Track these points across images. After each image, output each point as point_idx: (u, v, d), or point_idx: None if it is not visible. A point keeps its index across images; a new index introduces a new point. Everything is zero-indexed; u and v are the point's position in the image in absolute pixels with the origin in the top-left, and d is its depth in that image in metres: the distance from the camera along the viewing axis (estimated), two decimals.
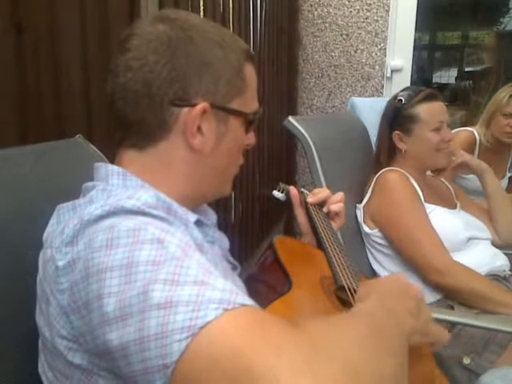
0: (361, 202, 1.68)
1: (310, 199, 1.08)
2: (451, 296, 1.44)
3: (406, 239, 1.51)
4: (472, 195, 1.98)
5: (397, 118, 1.65)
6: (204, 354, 0.45)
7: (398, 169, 1.63)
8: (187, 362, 0.46)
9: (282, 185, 1.18)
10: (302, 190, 1.14)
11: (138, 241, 0.53)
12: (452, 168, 1.76)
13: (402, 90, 1.71)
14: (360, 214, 1.67)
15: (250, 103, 0.76)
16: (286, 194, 1.15)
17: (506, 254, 1.62)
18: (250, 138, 0.80)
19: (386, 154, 1.69)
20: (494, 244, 1.65)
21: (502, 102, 2.19)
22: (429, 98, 1.62)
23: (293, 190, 1.10)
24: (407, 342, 0.60)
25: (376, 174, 1.66)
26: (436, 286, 1.45)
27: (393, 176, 1.59)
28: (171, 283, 0.49)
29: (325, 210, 1.08)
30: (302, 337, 0.48)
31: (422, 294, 0.75)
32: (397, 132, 1.65)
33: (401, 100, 1.65)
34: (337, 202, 1.07)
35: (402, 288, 0.73)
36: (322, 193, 1.09)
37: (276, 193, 1.17)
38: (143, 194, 0.63)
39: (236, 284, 0.76)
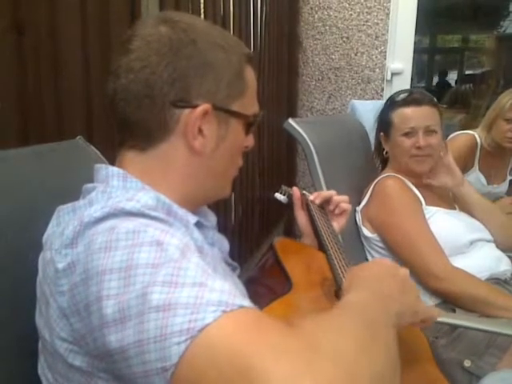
0: (359, 205, 1.68)
1: (316, 199, 1.09)
2: (451, 301, 1.43)
3: (404, 245, 1.51)
4: None
5: (381, 120, 1.72)
6: (203, 357, 0.45)
7: (395, 174, 1.64)
8: (186, 365, 0.46)
9: (284, 187, 1.18)
10: (304, 192, 1.14)
11: (137, 243, 0.53)
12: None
13: (396, 92, 1.72)
14: (358, 217, 1.67)
15: (250, 105, 0.76)
16: (288, 197, 1.15)
17: (509, 256, 1.61)
18: (249, 140, 0.80)
19: (378, 154, 1.77)
20: (498, 247, 1.64)
21: (505, 108, 2.18)
22: (409, 102, 1.61)
23: (295, 191, 1.11)
24: (395, 329, 0.60)
25: (375, 177, 1.67)
26: (435, 292, 1.45)
27: (390, 182, 1.60)
28: (169, 285, 0.49)
29: (331, 207, 1.09)
30: (299, 337, 0.48)
31: (408, 274, 0.75)
32: (381, 134, 1.71)
33: (387, 102, 1.70)
34: (345, 202, 1.09)
35: (385, 272, 0.73)
36: (325, 192, 1.11)
37: (278, 195, 1.17)
38: (143, 196, 0.63)
39: (236, 286, 0.76)
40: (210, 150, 0.72)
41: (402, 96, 1.65)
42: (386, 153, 1.71)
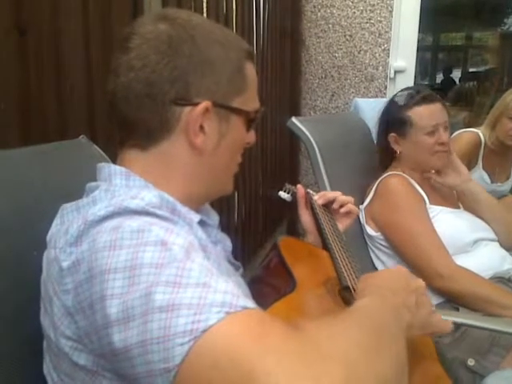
0: (362, 203, 1.68)
1: (320, 199, 1.09)
2: (455, 300, 1.43)
3: (408, 244, 1.50)
4: None
5: (392, 120, 1.66)
6: (206, 358, 0.45)
7: (400, 173, 1.63)
8: (189, 366, 0.46)
9: (288, 186, 1.18)
10: (308, 190, 1.14)
11: (142, 242, 0.53)
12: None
13: (400, 91, 1.70)
14: (361, 215, 1.67)
15: (251, 102, 0.76)
16: (292, 195, 1.16)
17: None
18: (251, 137, 0.80)
19: (385, 155, 1.71)
20: (502, 245, 1.63)
21: (509, 106, 2.17)
22: (424, 100, 1.60)
23: (300, 189, 1.11)
24: (405, 337, 0.60)
25: (379, 176, 1.66)
26: (439, 291, 1.45)
27: (394, 180, 1.59)
28: (173, 285, 0.49)
29: (335, 205, 1.09)
30: (303, 340, 0.48)
31: (424, 287, 0.75)
32: (392, 134, 1.66)
33: (396, 102, 1.65)
34: (350, 202, 1.09)
35: (402, 282, 0.72)
36: (330, 193, 1.11)
37: (282, 194, 1.17)
38: (147, 194, 0.63)
39: (240, 285, 0.76)
40: (212, 147, 0.72)
41: (411, 94, 1.63)
42: (395, 153, 1.67)
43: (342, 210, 1.09)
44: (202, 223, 0.72)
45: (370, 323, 0.56)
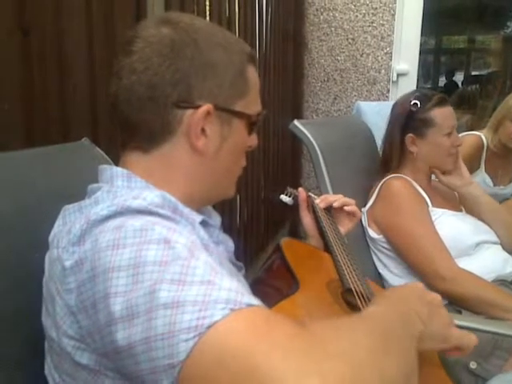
0: (365, 206, 1.68)
1: (321, 202, 1.09)
2: (458, 303, 1.43)
3: (410, 246, 1.50)
4: None
5: (411, 121, 1.64)
6: (210, 354, 0.45)
7: (403, 175, 1.63)
8: (194, 362, 0.46)
9: (289, 189, 1.18)
10: (310, 194, 1.14)
11: (145, 241, 0.54)
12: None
13: (412, 94, 1.69)
14: (364, 218, 1.67)
15: (253, 105, 0.76)
16: (293, 199, 1.16)
17: None
18: (253, 140, 0.80)
19: (397, 157, 1.68)
20: (504, 248, 1.63)
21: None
22: (442, 102, 1.62)
23: (302, 192, 1.11)
24: (415, 345, 0.60)
25: (382, 178, 1.65)
26: (441, 294, 1.44)
27: (397, 183, 1.59)
28: (178, 283, 0.50)
29: (336, 204, 1.09)
30: (308, 337, 0.48)
31: (440, 300, 0.75)
32: (410, 135, 1.64)
33: (416, 104, 1.63)
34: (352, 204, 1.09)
35: (415, 294, 0.72)
36: (332, 196, 1.11)
37: (284, 197, 1.17)
38: (149, 194, 0.63)
39: (243, 285, 0.76)
40: (213, 150, 0.72)
41: (427, 96, 1.63)
42: (407, 154, 1.66)
43: (347, 208, 1.09)
44: (204, 223, 0.72)
45: (376, 327, 0.56)
